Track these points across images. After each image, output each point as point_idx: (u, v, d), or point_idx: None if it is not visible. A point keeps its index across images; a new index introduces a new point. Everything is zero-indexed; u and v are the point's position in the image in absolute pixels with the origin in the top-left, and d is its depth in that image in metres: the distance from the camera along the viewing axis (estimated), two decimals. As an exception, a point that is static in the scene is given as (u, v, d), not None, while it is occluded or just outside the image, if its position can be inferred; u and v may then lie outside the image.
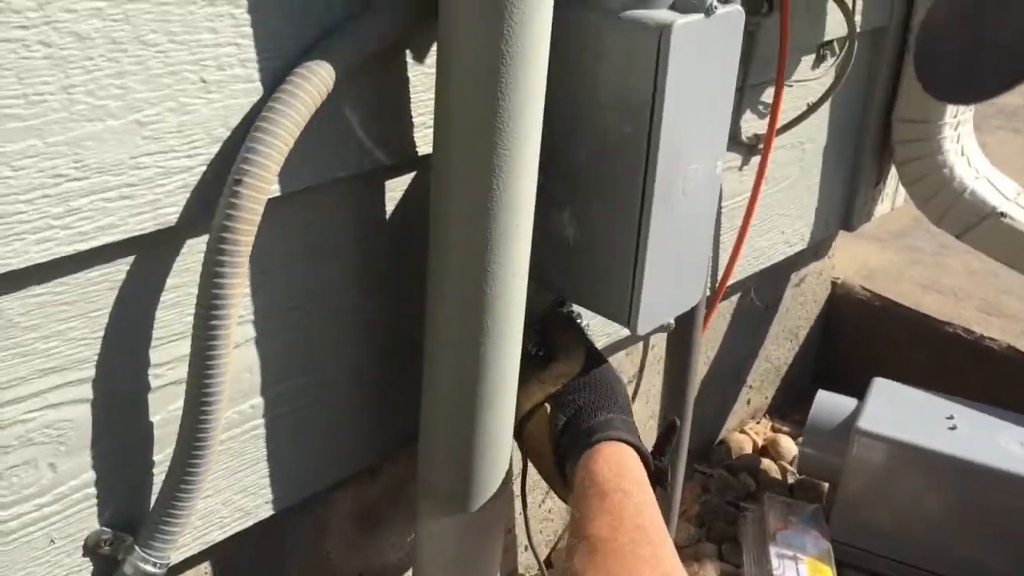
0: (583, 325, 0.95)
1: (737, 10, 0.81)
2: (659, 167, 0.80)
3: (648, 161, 0.80)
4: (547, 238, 0.89)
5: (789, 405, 1.65)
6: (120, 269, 0.65)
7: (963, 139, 1.36)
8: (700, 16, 0.77)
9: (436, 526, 0.86)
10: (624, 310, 0.88)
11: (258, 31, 0.65)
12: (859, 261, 1.72)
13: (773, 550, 1.25)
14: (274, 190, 0.70)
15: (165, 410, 0.71)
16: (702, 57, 0.79)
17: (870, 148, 1.40)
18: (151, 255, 0.67)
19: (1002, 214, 1.32)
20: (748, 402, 1.58)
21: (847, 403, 1.36)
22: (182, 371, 0.69)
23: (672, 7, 0.79)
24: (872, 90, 1.35)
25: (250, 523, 0.82)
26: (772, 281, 1.51)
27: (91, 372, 0.66)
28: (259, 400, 0.78)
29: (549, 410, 0.85)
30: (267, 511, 0.83)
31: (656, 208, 0.82)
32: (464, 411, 0.80)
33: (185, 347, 0.68)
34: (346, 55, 0.69)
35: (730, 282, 1.25)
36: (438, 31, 0.69)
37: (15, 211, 0.58)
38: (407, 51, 0.75)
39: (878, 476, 1.28)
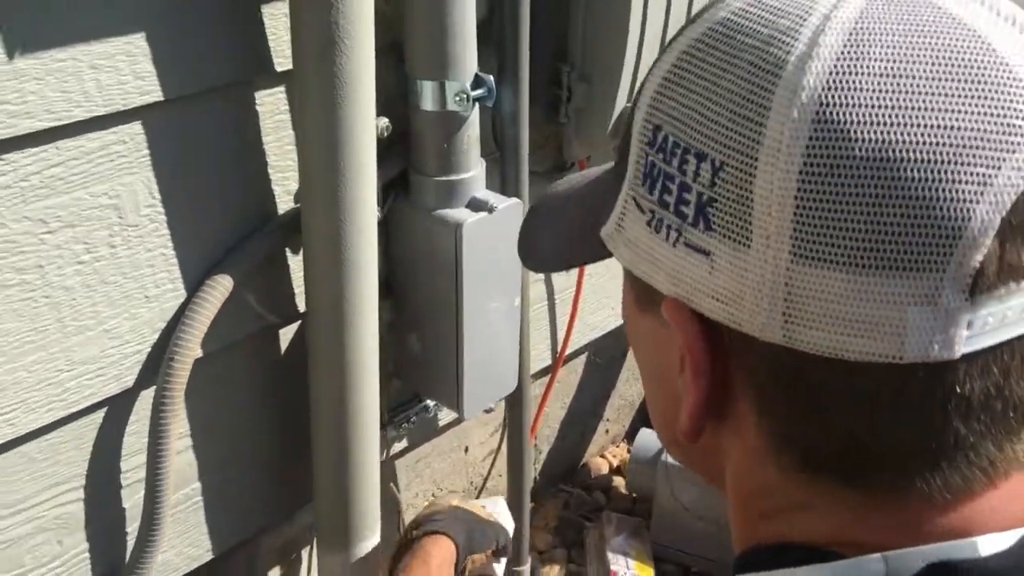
0: (432, 409, 1.33)
1: (515, 203, 1.18)
2: (465, 308, 1.17)
3: (458, 304, 1.17)
4: (404, 353, 1.27)
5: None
6: (98, 416, 1.01)
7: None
8: (484, 213, 1.15)
9: (326, 560, 1.23)
10: (454, 401, 1.26)
11: (182, 257, 1.01)
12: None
13: (609, 553, 1.63)
14: (198, 352, 1.06)
15: (132, 499, 1.07)
16: (489, 238, 1.16)
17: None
18: (118, 405, 1.03)
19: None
20: (607, 431, 1.96)
21: (663, 438, 1.75)
22: (142, 473, 1.05)
23: (467, 206, 1.16)
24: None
25: (196, 566, 1.18)
26: (614, 341, 1.88)
27: (82, 481, 1.02)
28: (198, 484, 1.14)
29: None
30: (208, 556, 1.19)
31: (467, 333, 1.19)
32: (338, 473, 1.16)
33: (143, 458, 1.04)
34: (241, 266, 1.05)
35: (570, 350, 1.62)
36: (304, 248, 1.05)
37: (32, 397, 0.93)
38: (286, 250, 1.11)
39: (681, 494, 1.66)
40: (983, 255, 0.38)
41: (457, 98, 1.08)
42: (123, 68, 0.90)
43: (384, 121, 1.10)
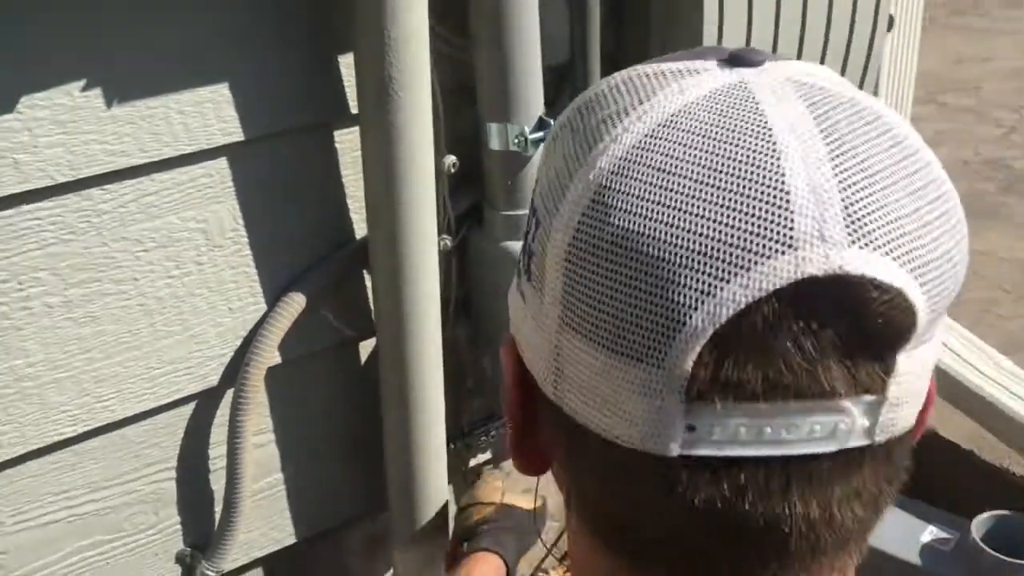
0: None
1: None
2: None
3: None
4: (480, 373, 1.35)
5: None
6: (188, 409, 1.17)
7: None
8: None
9: (398, 559, 1.34)
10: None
11: (262, 275, 1.15)
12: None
13: None
14: (276, 358, 1.19)
15: (218, 483, 1.23)
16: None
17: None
18: (205, 400, 1.18)
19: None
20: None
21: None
22: (224, 462, 1.20)
23: (531, 239, 1.22)
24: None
25: (278, 548, 1.32)
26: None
27: (175, 463, 1.19)
28: (280, 475, 1.28)
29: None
30: (291, 540, 1.33)
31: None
32: (406, 479, 1.26)
33: (225, 449, 1.19)
34: (316, 285, 1.17)
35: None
36: (371, 272, 1.16)
37: (127, 388, 1.10)
38: (363, 271, 1.22)
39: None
40: (693, 361, 0.39)
41: (516, 140, 1.15)
42: (208, 113, 1.04)
43: (451, 159, 1.19)
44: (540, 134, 1.15)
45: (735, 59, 0.44)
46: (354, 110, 1.12)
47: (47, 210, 0.99)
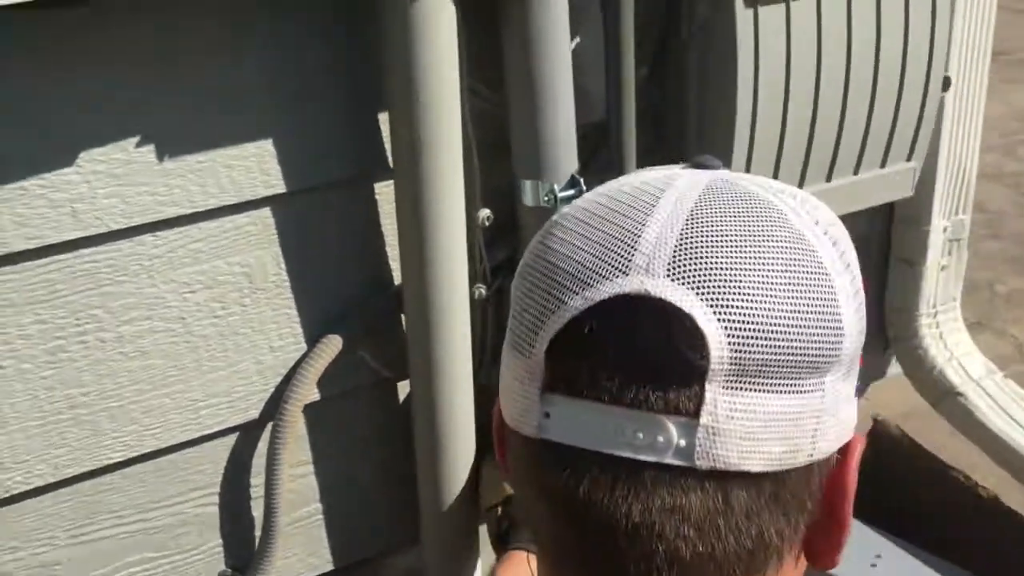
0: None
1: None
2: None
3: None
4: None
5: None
6: (231, 439, 1.25)
7: (942, 325, 1.64)
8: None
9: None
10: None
11: (303, 317, 1.22)
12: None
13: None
14: (315, 395, 1.26)
15: (259, 509, 1.30)
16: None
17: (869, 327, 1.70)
18: (247, 432, 1.25)
19: (959, 394, 1.58)
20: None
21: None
22: (262, 491, 1.27)
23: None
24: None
25: (315, 574, 1.39)
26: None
27: (218, 488, 1.26)
28: (319, 505, 1.35)
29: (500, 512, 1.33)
30: (328, 567, 1.40)
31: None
32: (437, 517, 1.31)
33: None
34: (353, 328, 1.23)
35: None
36: (406, 317, 1.22)
37: (172, 419, 1.18)
38: (401, 315, 1.28)
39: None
40: (541, 356, 0.48)
41: (546, 197, 1.18)
42: (252, 167, 1.12)
43: (486, 212, 1.23)
44: (571, 191, 1.18)
45: (695, 164, 0.54)
46: (392, 164, 1.17)
47: (103, 254, 1.08)
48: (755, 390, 0.45)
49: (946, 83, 1.37)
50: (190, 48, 1.05)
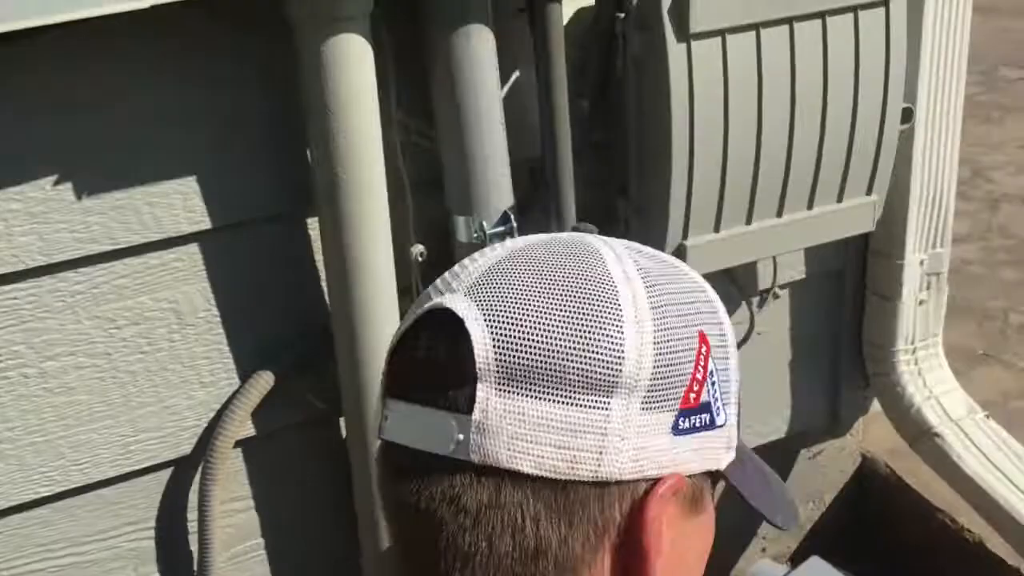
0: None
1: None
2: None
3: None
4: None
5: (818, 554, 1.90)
6: (165, 474, 1.24)
7: (922, 361, 1.57)
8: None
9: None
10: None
11: (235, 351, 1.21)
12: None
13: None
14: (248, 431, 1.25)
15: (195, 545, 1.29)
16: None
17: (847, 362, 1.64)
18: (182, 467, 1.25)
19: (936, 434, 1.51)
20: (763, 550, 1.86)
21: (779, 571, 1.64)
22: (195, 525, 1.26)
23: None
24: (843, 314, 1.61)
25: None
26: (785, 455, 1.79)
27: (154, 523, 1.26)
28: (261, 540, 1.34)
29: None
30: (269, 604, 1.38)
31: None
32: (376, 543, 1.29)
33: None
34: (285, 363, 1.22)
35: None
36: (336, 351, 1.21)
37: (100, 454, 1.18)
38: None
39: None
40: (386, 362, 0.53)
41: (476, 234, 1.16)
42: (176, 204, 1.11)
43: (419, 248, 1.21)
44: (502, 228, 1.16)
45: (573, 229, 0.60)
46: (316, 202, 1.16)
47: (23, 290, 1.09)
48: (525, 394, 0.49)
49: (906, 114, 1.31)
50: (110, 88, 1.06)
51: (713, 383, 0.53)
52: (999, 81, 4.16)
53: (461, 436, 0.49)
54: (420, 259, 1.22)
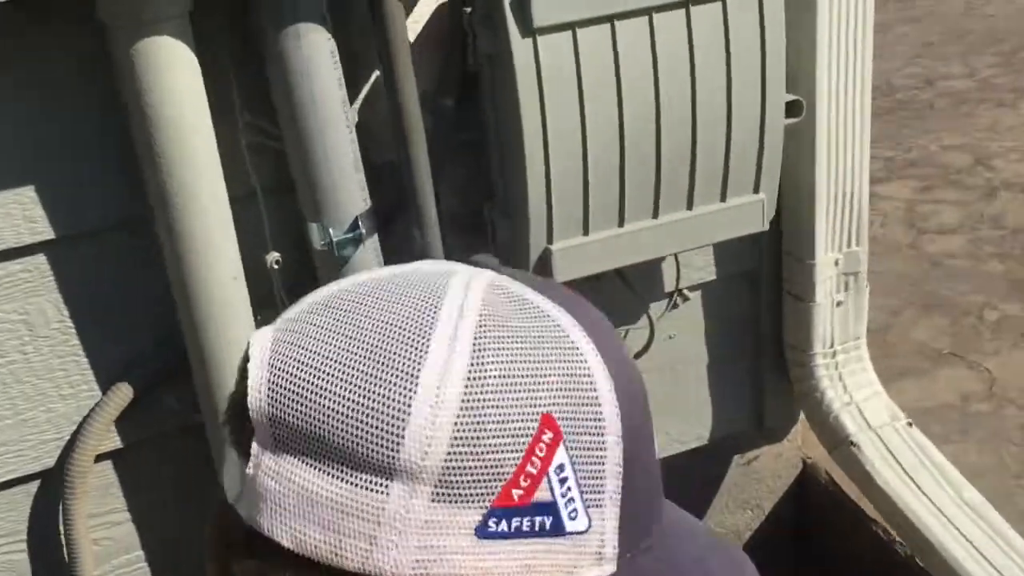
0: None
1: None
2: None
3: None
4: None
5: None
6: (32, 487, 1.23)
7: (843, 365, 1.50)
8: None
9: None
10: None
11: (94, 362, 1.19)
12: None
13: None
14: (114, 443, 1.23)
15: (62, 554, 1.28)
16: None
17: (769, 365, 1.58)
18: (48, 480, 1.23)
19: (852, 443, 1.45)
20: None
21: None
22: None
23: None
24: (761, 317, 1.55)
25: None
26: (716, 462, 1.73)
27: (24, 536, 1.25)
28: (140, 552, 1.32)
29: None
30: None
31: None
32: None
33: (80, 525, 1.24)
34: (144, 373, 1.20)
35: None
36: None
37: (-38, 464, 1.17)
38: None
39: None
40: None
41: (323, 242, 1.13)
42: (16, 214, 1.10)
43: (275, 255, 1.19)
44: (350, 235, 1.13)
45: (470, 261, 0.50)
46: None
47: None
48: (296, 457, 0.43)
49: (796, 108, 1.25)
50: (-62, 98, 1.05)
51: (563, 479, 0.43)
52: (1018, 63, 4.01)
53: (241, 488, 0.44)
54: (276, 266, 1.19)
